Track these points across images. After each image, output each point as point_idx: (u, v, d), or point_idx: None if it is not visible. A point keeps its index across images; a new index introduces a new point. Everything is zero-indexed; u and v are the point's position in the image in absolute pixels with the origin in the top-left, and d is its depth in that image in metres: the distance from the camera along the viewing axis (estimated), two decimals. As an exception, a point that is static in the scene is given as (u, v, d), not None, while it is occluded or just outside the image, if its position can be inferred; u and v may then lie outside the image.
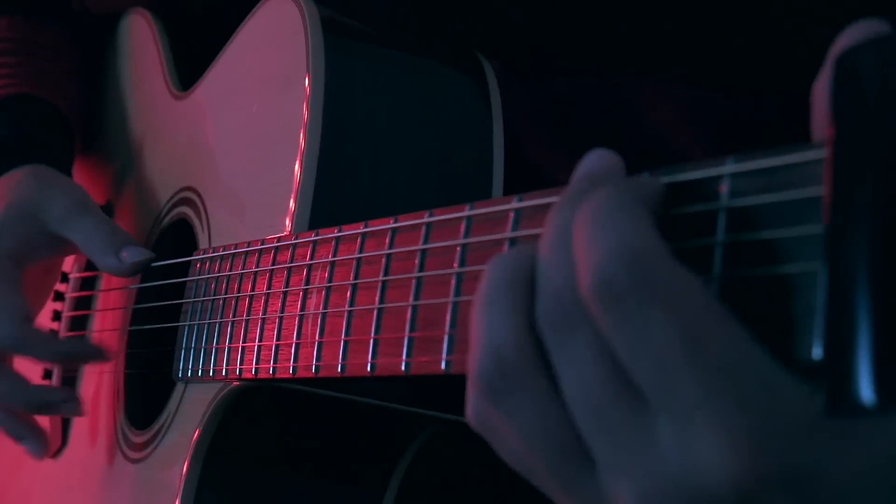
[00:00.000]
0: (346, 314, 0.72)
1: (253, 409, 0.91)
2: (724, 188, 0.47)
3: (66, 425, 1.22)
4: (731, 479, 0.43)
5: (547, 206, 0.58)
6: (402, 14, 0.99)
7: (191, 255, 0.99)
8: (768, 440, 0.43)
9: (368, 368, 0.69)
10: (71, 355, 1.11)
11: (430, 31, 0.97)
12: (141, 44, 1.25)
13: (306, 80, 0.88)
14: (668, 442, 0.45)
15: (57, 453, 1.22)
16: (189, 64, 1.19)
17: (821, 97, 0.47)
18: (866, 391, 0.40)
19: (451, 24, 0.97)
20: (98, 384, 1.17)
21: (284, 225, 0.86)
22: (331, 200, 0.87)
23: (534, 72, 0.95)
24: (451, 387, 0.90)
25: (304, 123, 0.87)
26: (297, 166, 0.86)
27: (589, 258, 0.46)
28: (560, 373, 0.49)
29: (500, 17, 0.94)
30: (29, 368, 1.30)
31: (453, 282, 0.63)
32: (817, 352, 0.42)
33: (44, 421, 1.25)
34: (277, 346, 0.80)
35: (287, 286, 0.80)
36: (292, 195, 0.86)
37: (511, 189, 0.92)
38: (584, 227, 0.47)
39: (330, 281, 0.75)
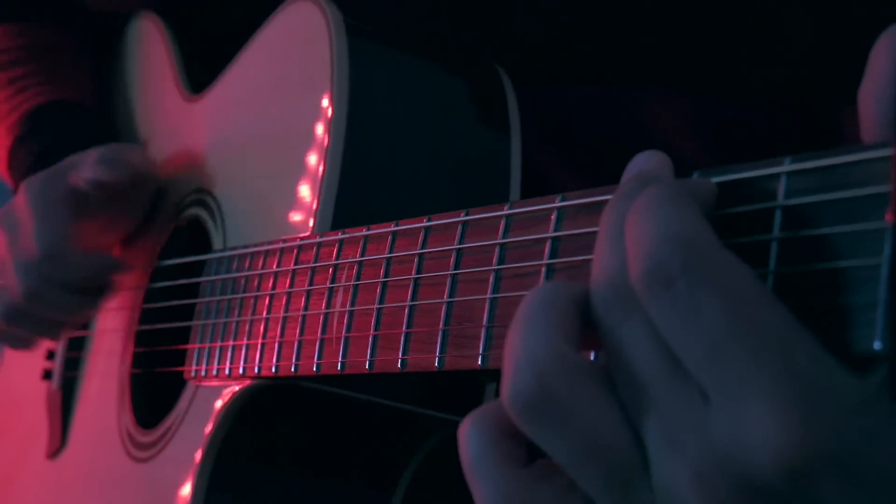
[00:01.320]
0: (374, 311, 0.73)
1: (265, 409, 0.92)
2: (781, 186, 0.48)
3: (65, 426, 1.21)
4: (782, 456, 0.43)
5: (591, 205, 0.59)
6: (409, 21, 1.00)
7: (206, 256, 0.99)
8: (818, 417, 0.43)
9: (399, 364, 0.70)
10: (101, 270, 1.12)
11: (437, 38, 0.98)
12: (150, 47, 1.26)
13: (330, 84, 0.89)
14: (720, 421, 0.45)
15: (55, 454, 1.21)
16: (195, 67, 1.19)
17: (867, 100, 0.48)
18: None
19: (456, 31, 0.98)
20: (100, 384, 1.17)
21: (304, 227, 0.87)
22: (352, 204, 0.87)
23: (539, 78, 0.96)
24: (464, 389, 0.91)
25: (327, 127, 0.88)
26: (320, 170, 0.87)
27: (638, 246, 0.47)
28: (612, 359, 0.50)
29: (506, 25, 0.96)
30: (28, 368, 1.30)
31: (491, 279, 0.64)
32: (878, 344, 0.43)
33: (42, 422, 1.25)
34: (301, 343, 0.80)
35: (311, 285, 0.81)
36: (314, 199, 0.87)
37: (521, 194, 0.93)
38: (634, 218, 0.48)
39: (358, 279, 0.76)
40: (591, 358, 0.54)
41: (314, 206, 0.87)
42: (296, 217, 0.89)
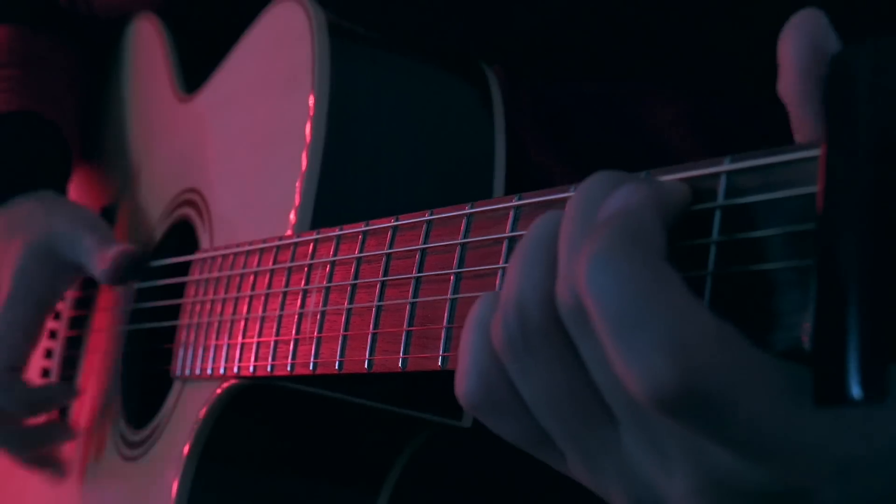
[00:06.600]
0: (345, 312, 0.73)
1: (249, 409, 0.92)
2: (721, 186, 0.48)
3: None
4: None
5: (546, 203, 0.59)
6: (406, 19, 1.00)
7: (192, 256, 1.00)
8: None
9: (366, 365, 0.70)
10: (43, 407, 1.15)
11: (435, 36, 0.98)
12: (147, 47, 1.26)
13: (311, 84, 0.89)
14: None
15: (53, 451, 1.22)
16: (195, 68, 1.20)
17: (787, 99, 0.49)
18: (854, 385, 0.40)
19: (454, 29, 0.98)
20: (96, 382, 1.18)
21: (286, 227, 0.87)
22: (333, 203, 0.87)
23: (537, 77, 0.95)
24: (447, 389, 0.91)
25: (308, 127, 0.88)
26: (301, 169, 0.87)
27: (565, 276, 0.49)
28: (535, 378, 0.52)
29: (504, 23, 0.95)
30: (29, 366, 1.30)
31: (452, 280, 0.64)
32: (808, 346, 0.43)
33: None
34: (276, 343, 0.81)
35: (287, 286, 0.81)
36: (295, 198, 0.87)
37: (513, 192, 0.92)
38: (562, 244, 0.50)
39: (330, 280, 0.76)
40: None
41: (295, 205, 0.87)
42: (277, 216, 0.89)
